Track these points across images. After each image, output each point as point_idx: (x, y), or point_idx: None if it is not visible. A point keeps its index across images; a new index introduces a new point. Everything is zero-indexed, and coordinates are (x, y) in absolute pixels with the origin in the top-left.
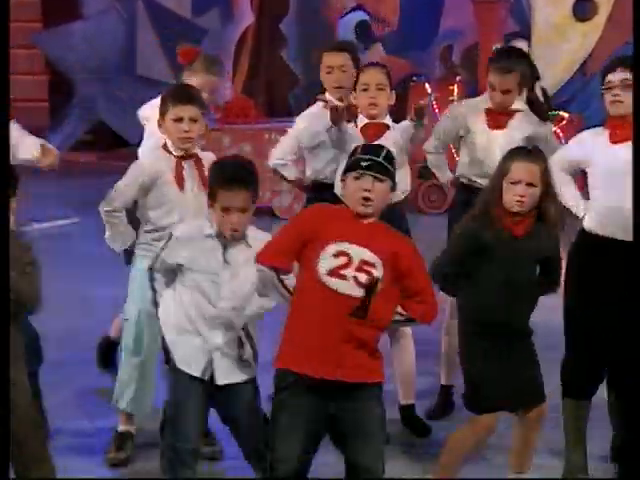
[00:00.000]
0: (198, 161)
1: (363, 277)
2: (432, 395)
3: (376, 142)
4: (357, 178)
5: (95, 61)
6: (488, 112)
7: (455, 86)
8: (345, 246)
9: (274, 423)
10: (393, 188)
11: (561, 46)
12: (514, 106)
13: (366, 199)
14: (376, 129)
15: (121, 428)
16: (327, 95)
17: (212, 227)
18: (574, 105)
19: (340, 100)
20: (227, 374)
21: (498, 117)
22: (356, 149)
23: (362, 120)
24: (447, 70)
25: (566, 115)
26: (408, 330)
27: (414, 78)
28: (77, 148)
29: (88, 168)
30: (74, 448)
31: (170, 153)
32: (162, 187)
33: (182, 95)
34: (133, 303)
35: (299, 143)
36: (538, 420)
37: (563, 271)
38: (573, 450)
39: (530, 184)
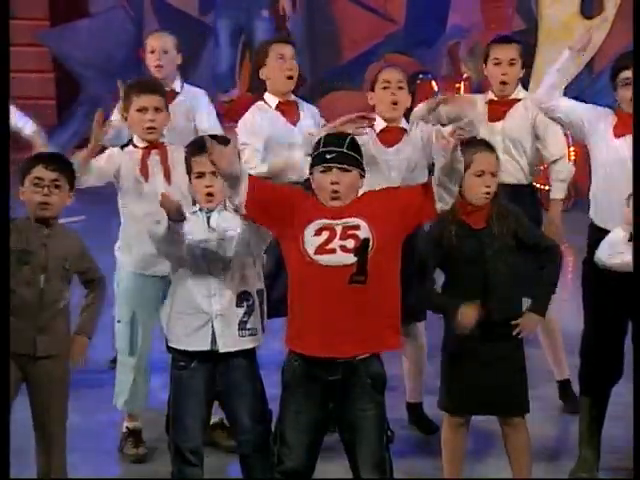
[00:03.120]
0: (163, 153)
1: (350, 243)
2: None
3: (395, 147)
4: (323, 172)
5: (102, 59)
6: (489, 104)
7: (462, 84)
8: (323, 222)
9: (280, 420)
10: (363, 175)
11: (568, 43)
12: (514, 95)
13: (335, 192)
14: (395, 134)
15: (130, 425)
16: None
17: (195, 207)
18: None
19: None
20: (229, 342)
21: (497, 108)
22: (319, 140)
23: (379, 124)
24: (454, 68)
25: None
26: (421, 329)
27: (420, 76)
28: (84, 146)
29: None
30: (76, 443)
31: (136, 147)
32: (131, 181)
33: (145, 85)
34: (124, 304)
35: None
36: (516, 429)
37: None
38: (586, 448)
39: (492, 174)
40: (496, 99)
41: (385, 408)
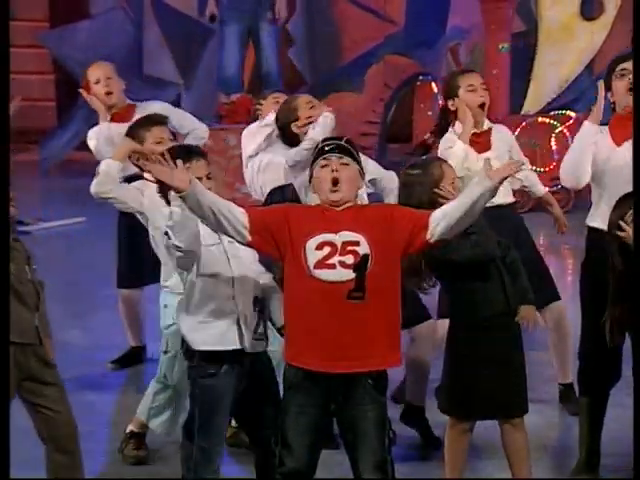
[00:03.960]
0: None
1: (350, 259)
2: None
3: None
4: (324, 166)
5: (102, 60)
6: (472, 138)
7: None
8: (325, 236)
9: (282, 421)
10: (362, 174)
11: (568, 45)
12: (486, 125)
13: (335, 182)
14: None
15: (136, 429)
16: None
17: None
18: (581, 104)
19: None
20: (250, 343)
21: (481, 140)
22: (317, 145)
23: None
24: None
25: (573, 114)
26: (425, 330)
27: (420, 77)
28: (83, 147)
29: (93, 167)
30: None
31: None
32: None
33: (155, 118)
34: (172, 335)
35: None
36: (517, 427)
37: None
38: (586, 449)
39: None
40: (477, 132)
41: (386, 409)
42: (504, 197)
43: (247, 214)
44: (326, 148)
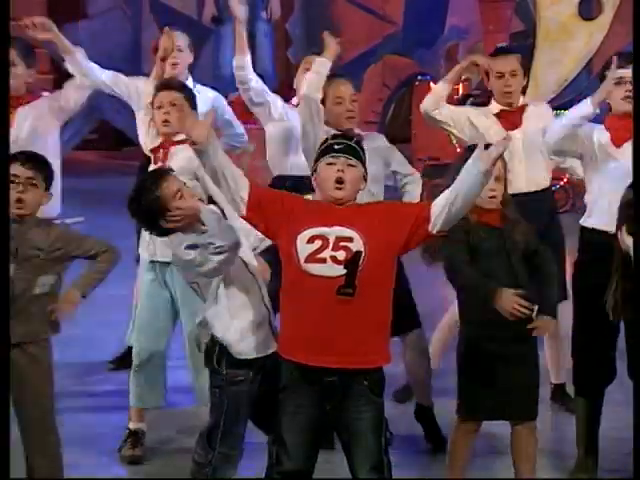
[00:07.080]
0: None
1: (342, 254)
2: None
3: None
4: (330, 164)
5: (100, 60)
6: (501, 114)
7: (460, 85)
8: (318, 230)
9: (278, 420)
10: (365, 177)
11: (566, 45)
12: (521, 103)
13: (339, 181)
14: None
15: (133, 426)
16: None
17: None
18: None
19: None
20: None
21: (511, 116)
22: (326, 139)
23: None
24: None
25: None
26: (420, 334)
27: (419, 77)
28: (82, 147)
29: (92, 167)
30: (84, 443)
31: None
32: None
33: (164, 83)
34: (140, 300)
35: None
36: (530, 431)
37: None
38: (583, 449)
39: (497, 178)
40: (507, 109)
41: (384, 410)
42: (544, 181)
43: (249, 188)
44: (335, 147)
